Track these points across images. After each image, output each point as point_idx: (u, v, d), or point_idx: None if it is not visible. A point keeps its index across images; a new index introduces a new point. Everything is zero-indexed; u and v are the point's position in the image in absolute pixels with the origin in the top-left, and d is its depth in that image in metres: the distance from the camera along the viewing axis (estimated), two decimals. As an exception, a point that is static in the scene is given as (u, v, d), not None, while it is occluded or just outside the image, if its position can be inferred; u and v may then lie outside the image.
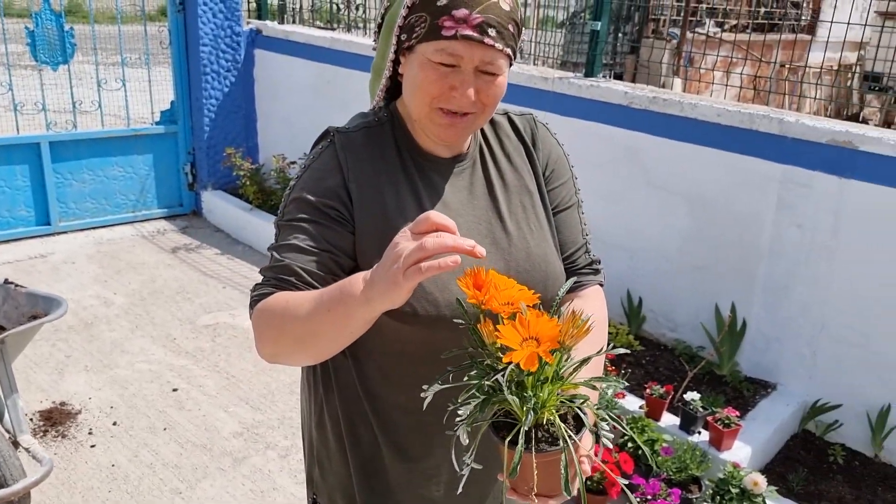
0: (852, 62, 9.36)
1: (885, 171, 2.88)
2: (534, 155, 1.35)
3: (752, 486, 2.60)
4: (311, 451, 1.46)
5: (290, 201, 1.21)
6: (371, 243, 1.18)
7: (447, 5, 1.09)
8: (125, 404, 3.20)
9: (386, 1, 1.27)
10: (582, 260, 1.39)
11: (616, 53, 7.88)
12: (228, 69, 5.28)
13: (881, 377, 3.03)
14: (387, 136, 1.25)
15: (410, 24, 1.14)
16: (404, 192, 1.22)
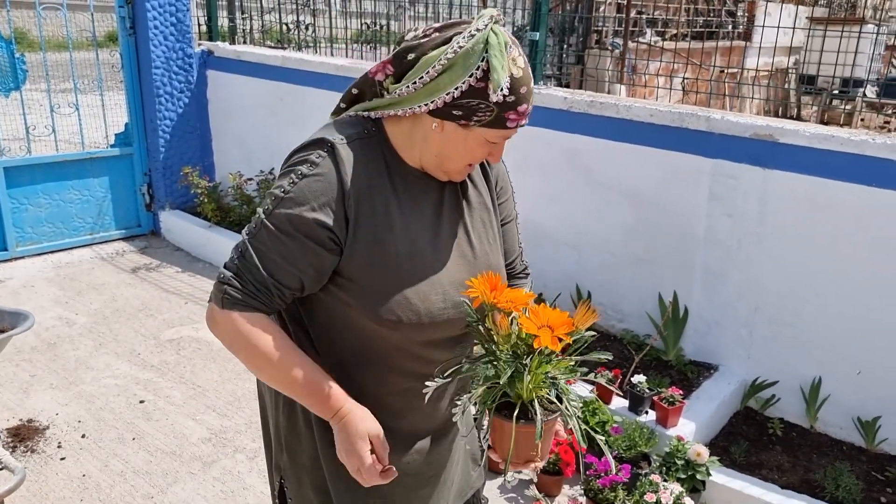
0: (788, 66, 9.79)
1: (802, 161, 3.12)
2: (489, 173, 1.50)
3: (696, 456, 2.79)
4: (277, 439, 1.57)
5: (284, 207, 1.27)
6: (360, 255, 1.30)
7: (514, 102, 1.24)
8: (93, 418, 3.27)
9: (412, 39, 1.29)
10: (518, 266, 1.60)
11: (562, 64, 8.16)
12: (182, 90, 5.37)
13: (811, 353, 3.26)
14: (376, 149, 1.34)
15: (471, 106, 1.24)
16: (392, 207, 1.33)
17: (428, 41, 1.26)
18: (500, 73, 1.21)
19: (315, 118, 4.97)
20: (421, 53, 1.26)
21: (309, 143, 1.33)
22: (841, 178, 3.04)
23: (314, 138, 1.33)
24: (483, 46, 1.22)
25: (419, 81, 1.25)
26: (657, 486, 2.65)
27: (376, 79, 1.33)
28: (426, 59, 1.25)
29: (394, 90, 1.29)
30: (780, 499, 2.75)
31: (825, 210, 3.11)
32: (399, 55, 1.28)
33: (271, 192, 1.31)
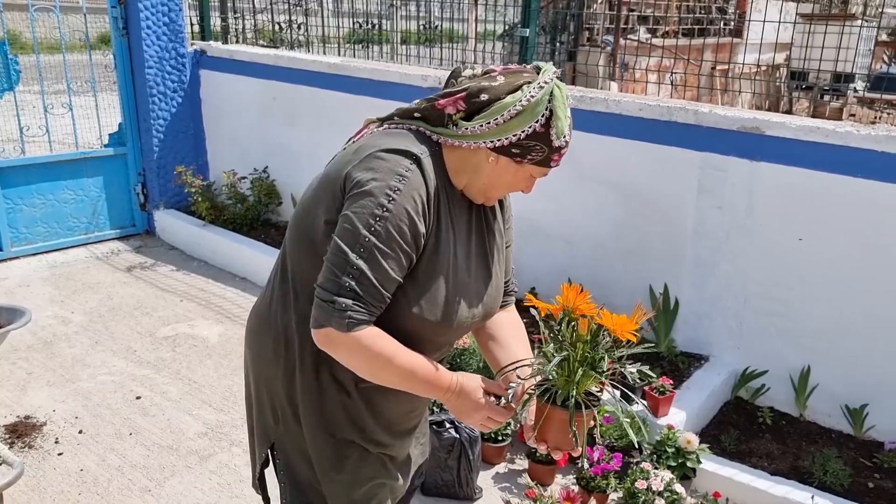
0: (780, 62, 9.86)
1: (789, 153, 3.17)
2: (503, 202, 1.66)
3: (686, 444, 2.83)
4: (273, 409, 1.62)
5: (388, 223, 1.36)
6: (425, 259, 1.45)
7: (560, 146, 1.44)
8: (90, 414, 3.29)
9: (474, 78, 1.47)
10: (511, 286, 1.77)
11: (554, 62, 8.21)
12: (175, 90, 5.39)
13: (800, 342, 3.30)
14: (438, 167, 1.46)
15: (529, 147, 1.43)
16: (446, 221, 1.48)
17: (499, 85, 1.42)
18: (563, 123, 1.42)
19: (308, 116, 5.00)
20: (494, 97, 1.41)
21: (395, 150, 1.42)
22: (827, 169, 3.09)
23: (400, 147, 1.42)
24: (549, 97, 1.41)
25: (493, 122, 1.41)
26: (648, 473, 2.69)
27: (446, 111, 1.45)
28: (501, 104, 1.41)
29: (463, 126, 1.43)
30: (768, 485, 2.79)
31: (812, 201, 3.15)
32: (472, 95, 1.42)
33: (366, 206, 1.37)
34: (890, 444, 3.08)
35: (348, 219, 1.37)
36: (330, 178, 1.47)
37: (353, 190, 1.39)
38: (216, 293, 4.63)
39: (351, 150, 1.49)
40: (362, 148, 1.45)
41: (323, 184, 1.48)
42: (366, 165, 1.40)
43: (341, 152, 1.54)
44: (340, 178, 1.43)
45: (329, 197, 1.44)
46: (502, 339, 1.68)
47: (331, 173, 1.48)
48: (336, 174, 1.45)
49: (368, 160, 1.41)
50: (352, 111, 4.72)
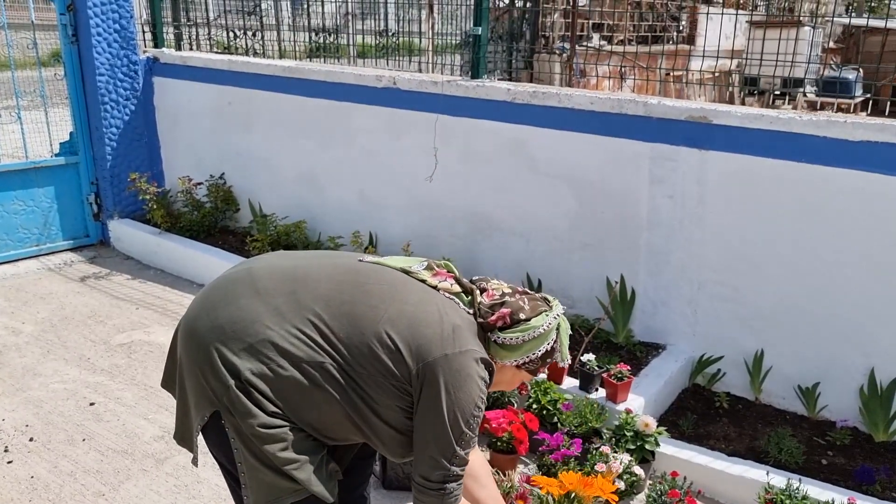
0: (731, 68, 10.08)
1: (736, 141, 3.24)
2: None
3: (644, 427, 2.86)
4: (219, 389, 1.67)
5: (478, 417, 1.71)
6: None
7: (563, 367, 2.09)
8: (41, 422, 3.21)
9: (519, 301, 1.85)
10: None
11: (511, 70, 8.30)
12: (128, 97, 5.32)
13: (753, 326, 3.37)
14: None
15: (536, 361, 1.84)
16: None
17: (528, 308, 1.82)
18: (565, 350, 1.89)
19: (264, 121, 4.97)
20: (526, 318, 1.80)
21: (479, 359, 1.72)
22: (772, 156, 3.17)
23: (482, 357, 1.73)
24: (556, 329, 1.85)
25: (521, 337, 1.79)
26: (607, 456, 2.71)
27: (491, 322, 1.80)
28: (530, 324, 1.80)
29: (502, 336, 1.81)
30: (726, 465, 2.83)
31: (759, 187, 3.22)
32: (514, 313, 1.80)
33: (467, 407, 1.68)
34: (841, 423, 3.15)
35: (453, 418, 1.65)
36: (417, 335, 1.68)
37: (448, 384, 1.65)
38: (173, 300, 4.56)
39: (438, 314, 1.72)
40: (455, 333, 1.71)
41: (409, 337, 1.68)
42: (460, 366, 1.67)
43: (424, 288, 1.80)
44: (429, 355, 1.66)
45: (412, 356, 1.67)
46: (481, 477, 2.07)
47: (418, 329, 1.68)
48: (425, 338, 1.68)
49: (462, 359, 1.68)
50: (307, 114, 4.71)
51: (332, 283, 1.73)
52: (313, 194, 4.86)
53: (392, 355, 1.65)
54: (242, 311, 1.68)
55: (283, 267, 1.78)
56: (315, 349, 1.65)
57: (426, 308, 1.72)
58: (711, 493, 2.82)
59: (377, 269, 1.80)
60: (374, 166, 4.50)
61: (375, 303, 1.70)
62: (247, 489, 1.67)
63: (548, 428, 3.01)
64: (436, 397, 1.64)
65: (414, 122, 4.21)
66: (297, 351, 1.64)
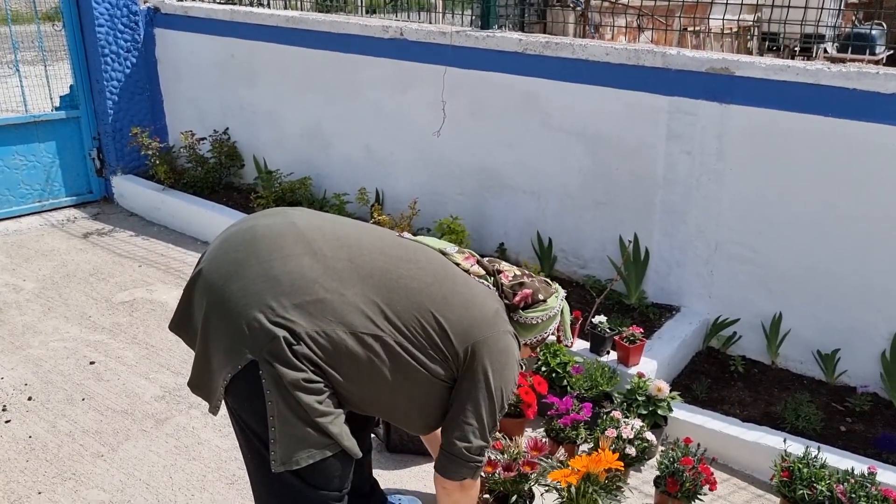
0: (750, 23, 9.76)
1: (759, 94, 3.08)
2: None
3: (657, 391, 2.77)
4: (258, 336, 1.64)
5: (513, 394, 1.89)
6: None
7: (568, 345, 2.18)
8: (40, 381, 3.15)
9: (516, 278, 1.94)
10: None
11: (524, 24, 8.05)
12: (129, 49, 5.17)
13: (771, 288, 3.25)
14: None
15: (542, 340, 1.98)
16: None
17: (542, 290, 1.94)
18: (569, 330, 2.07)
19: (268, 73, 4.82)
20: (543, 299, 1.92)
21: (512, 338, 1.84)
22: (797, 110, 3.01)
23: (514, 333, 1.86)
24: (560, 312, 2.00)
25: (539, 317, 1.92)
26: (618, 422, 2.62)
27: (516, 303, 1.88)
28: (546, 305, 1.93)
29: (526, 315, 1.91)
30: (740, 431, 2.74)
31: (782, 143, 3.07)
32: (535, 294, 1.91)
33: (508, 388, 1.80)
34: (862, 389, 3.05)
35: (500, 394, 1.76)
36: (466, 324, 1.74)
37: (492, 360, 1.75)
38: (176, 258, 4.47)
39: (490, 312, 1.81)
40: (497, 317, 1.81)
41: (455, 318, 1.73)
42: (505, 344, 1.80)
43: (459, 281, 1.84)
44: (475, 334, 1.75)
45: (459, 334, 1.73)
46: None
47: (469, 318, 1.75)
48: (476, 325, 1.75)
49: (506, 339, 1.81)
50: (312, 67, 4.56)
51: (385, 256, 1.74)
52: (319, 150, 4.73)
53: (442, 333, 1.71)
54: (303, 268, 1.65)
55: (332, 232, 1.76)
56: (373, 321, 1.65)
57: (471, 290, 1.81)
58: (725, 460, 2.73)
59: (421, 248, 1.85)
60: (381, 121, 4.36)
61: (430, 280, 1.75)
62: (275, 444, 1.60)
63: (557, 391, 2.93)
64: (483, 375, 1.73)
65: (421, 75, 4.05)
66: (356, 320, 1.63)
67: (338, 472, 1.70)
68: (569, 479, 2.06)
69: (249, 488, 1.82)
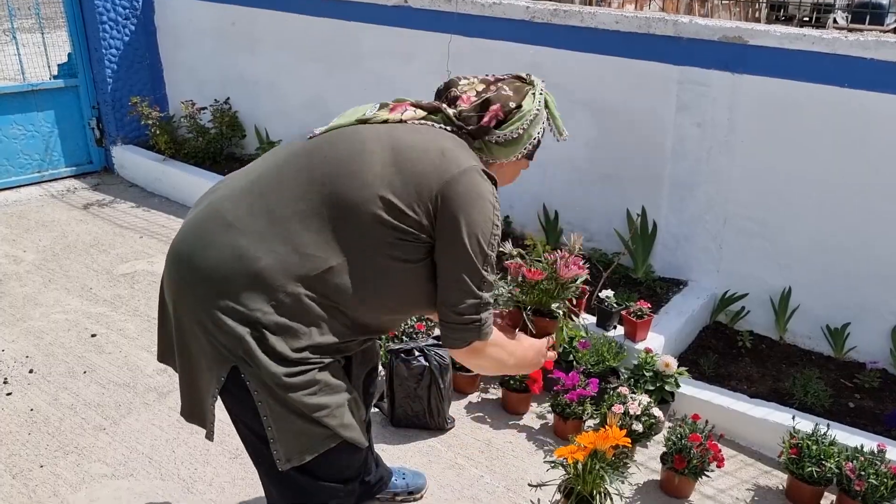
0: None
1: (773, 64, 3.00)
2: None
3: (665, 367, 2.73)
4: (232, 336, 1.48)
5: (496, 236, 1.55)
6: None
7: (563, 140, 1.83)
8: (41, 353, 3.13)
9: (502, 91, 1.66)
10: None
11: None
12: (127, 17, 5.08)
13: (780, 263, 3.20)
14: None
15: (536, 145, 1.73)
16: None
17: (514, 94, 1.66)
18: (560, 123, 1.77)
19: (269, 42, 4.73)
20: (517, 104, 1.65)
21: (484, 172, 1.56)
22: (812, 80, 2.94)
23: (488, 172, 1.57)
24: (542, 108, 1.71)
25: (521, 127, 1.65)
26: (625, 398, 2.59)
27: (491, 125, 1.63)
28: (523, 111, 1.65)
29: (498, 134, 1.64)
30: (748, 407, 2.71)
31: (796, 114, 3.00)
32: (504, 105, 1.64)
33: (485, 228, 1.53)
34: (871, 365, 3.01)
35: (473, 242, 1.50)
36: (420, 176, 1.50)
37: (461, 208, 1.50)
38: (177, 229, 4.42)
39: (435, 147, 1.54)
40: (453, 158, 1.53)
41: (406, 176, 1.50)
42: (470, 184, 1.52)
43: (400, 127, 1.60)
44: (438, 186, 1.49)
45: (414, 196, 1.49)
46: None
47: (420, 170, 1.51)
48: (428, 176, 1.50)
49: (470, 178, 1.52)
50: (314, 35, 4.47)
51: (297, 175, 1.53)
52: (321, 120, 4.61)
53: (395, 211, 1.47)
54: (222, 250, 1.48)
55: (241, 188, 1.56)
56: (317, 256, 1.46)
57: (406, 145, 1.53)
58: (732, 436, 2.71)
59: (333, 137, 1.59)
60: (384, 91, 4.26)
61: (354, 169, 1.50)
62: (275, 443, 1.51)
63: (563, 366, 2.89)
64: (453, 228, 1.49)
65: (426, 44, 3.96)
66: (300, 268, 1.46)
67: (346, 461, 1.62)
68: (575, 455, 2.03)
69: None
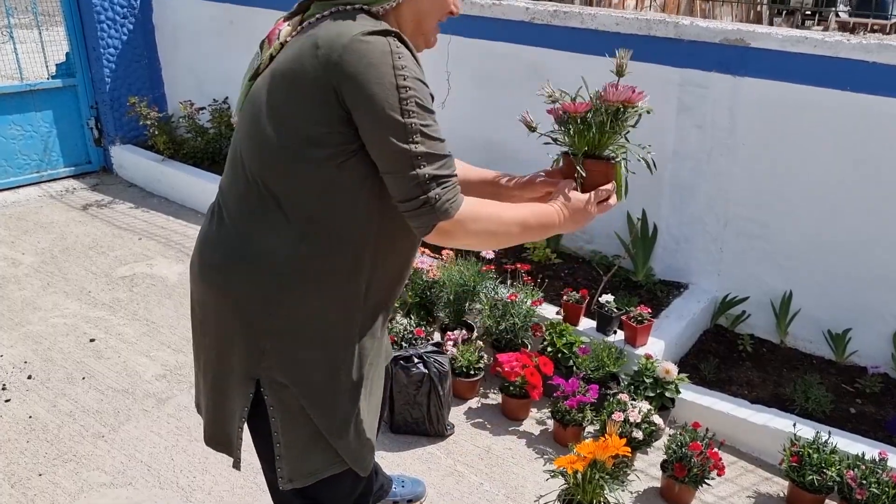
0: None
1: (774, 66, 2.98)
2: None
3: (665, 374, 2.72)
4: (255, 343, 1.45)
5: (413, 97, 1.28)
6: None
7: None
8: (39, 358, 3.12)
9: None
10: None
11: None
12: (125, 15, 5.05)
13: (781, 266, 3.18)
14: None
15: None
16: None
17: None
18: None
19: (267, 41, 4.70)
20: None
21: (371, 32, 1.28)
22: (814, 83, 2.91)
23: (374, 29, 1.29)
24: None
25: None
26: (625, 405, 2.58)
27: None
28: None
29: None
30: (749, 413, 2.70)
31: (797, 117, 2.98)
32: None
33: (389, 97, 1.27)
34: (872, 370, 3.00)
35: (383, 118, 1.27)
36: (309, 83, 1.29)
37: (360, 89, 1.26)
38: (177, 231, 4.41)
39: (308, 44, 1.31)
40: (328, 40, 1.28)
41: (296, 92, 1.31)
42: (356, 58, 1.26)
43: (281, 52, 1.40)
44: (328, 80, 1.27)
45: (317, 103, 1.30)
46: (490, 175, 1.78)
47: (304, 78, 1.30)
48: (314, 77, 1.28)
49: (353, 52, 1.26)
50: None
51: (230, 166, 1.48)
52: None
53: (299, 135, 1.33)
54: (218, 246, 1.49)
55: (219, 190, 1.54)
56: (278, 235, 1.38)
57: (282, 69, 1.35)
58: (733, 442, 2.69)
59: (244, 110, 1.45)
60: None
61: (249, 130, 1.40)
62: (281, 461, 1.50)
63: (562, 372, 2.88)
64: (360, 115, 1.28)
65: (425, 44, 3.93)
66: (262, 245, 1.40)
67: (349, 486, 1.61)
68: (575, 465, 2.03)
69: (252, 471, 1.77)
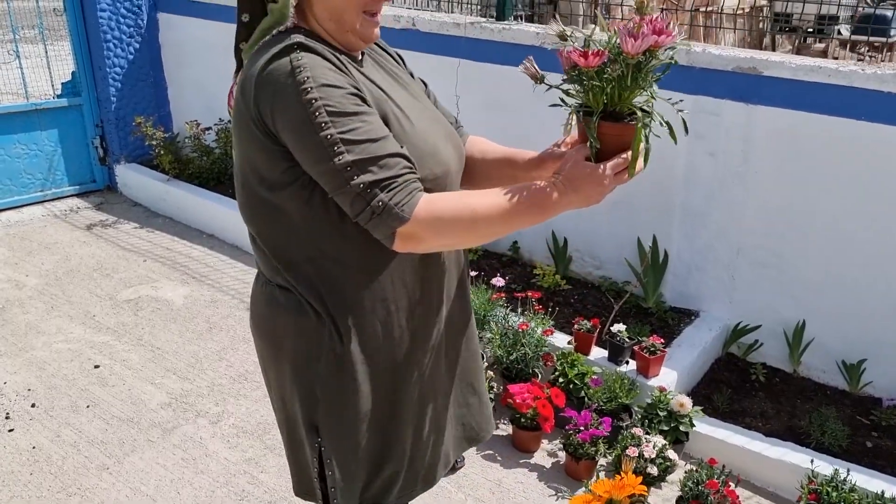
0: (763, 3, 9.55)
1: (788, 95, 2.95)
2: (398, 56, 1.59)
3: (679, 407, 2.68)
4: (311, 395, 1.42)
5: (323, 106, 1.20)
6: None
7: None
8: (43, 385, 3.08)
9: None
10: (457, 122, 1.66)
11: (535, 5, 7.87)
12: (131, 35, 5.04)
13: (795, 295, 3.15)
14: (315, 38, 1.31)
15: None
16: (363, 80, 1.33)
17: None
18: None
19: (274, 62, 4.69)
20: None
21: (270, 58, 1.24)
22: (828, 112, 2.89)
23: (272, 53, 1.24)
24: None
25: None
26: (640, 439, 2.54)
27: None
28: None
29: None
30: (763, 447, 2.66)
31: (811, 146, 2.96)
32: None
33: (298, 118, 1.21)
34: (888, 401, 2.96)
35: (301, 140, 1.22)
36: (246, 131, 1.29)
37: (276, 121, 1.23)
38: (182, 252, 4.38)
39: (237, 92, 1.32)
40: (243, 84, 1.28)
41: (240, 139, 1.32)
42: (266, 93, 1.23)
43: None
44: (256, 122, 1.26)
45: (258, 148, 1.28)
46: (509, 152, 1.66)
47: (243, 126, 1.30)
48: (247, 122, 1.27)
49: (261, 86, 1.23)
50: (320, 56, 4.42)
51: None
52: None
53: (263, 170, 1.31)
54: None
55: None
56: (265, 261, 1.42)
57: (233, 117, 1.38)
58: (748, 477, 2.65)
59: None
60: (391, 113, 4.23)
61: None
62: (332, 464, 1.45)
63: (574, 403, 2.84)
64: (289, 144, 1.24)
65: (434, 67, 3.91)
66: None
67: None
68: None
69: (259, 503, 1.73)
